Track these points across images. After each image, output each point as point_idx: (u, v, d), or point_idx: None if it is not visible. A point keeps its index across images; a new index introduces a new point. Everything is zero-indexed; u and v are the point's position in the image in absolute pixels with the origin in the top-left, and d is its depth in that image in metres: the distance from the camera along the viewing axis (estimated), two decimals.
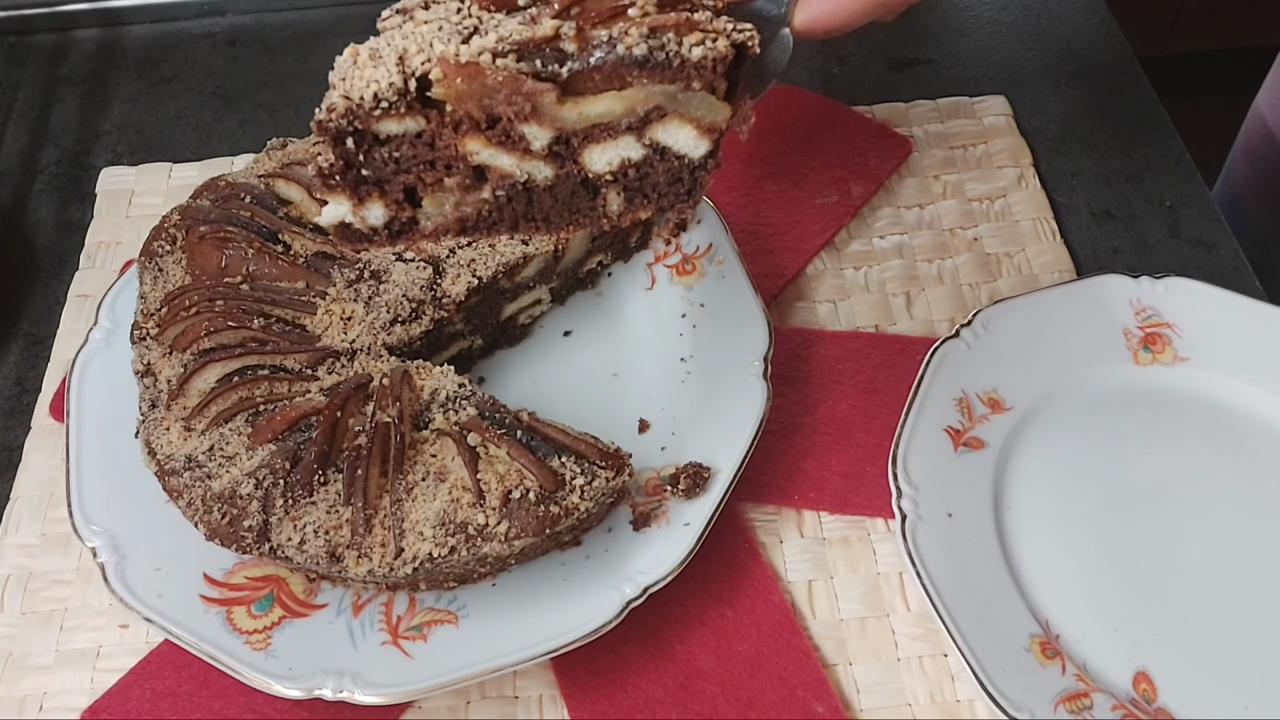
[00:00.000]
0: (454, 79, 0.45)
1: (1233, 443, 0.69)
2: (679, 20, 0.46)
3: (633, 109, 0.48)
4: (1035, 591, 0.63)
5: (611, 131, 0.49)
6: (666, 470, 0.66)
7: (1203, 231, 0.83)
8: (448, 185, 0.50)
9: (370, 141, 0.48)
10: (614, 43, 0.45)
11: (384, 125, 0.47)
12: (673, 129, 0.49)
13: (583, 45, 0.46)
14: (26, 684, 0.63)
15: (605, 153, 0.49)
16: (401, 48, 0.46)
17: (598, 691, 0.61)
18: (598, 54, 0.45)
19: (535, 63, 0.46)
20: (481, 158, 0.49)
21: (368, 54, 0.46)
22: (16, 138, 0.92)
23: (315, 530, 0.57)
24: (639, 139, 0.49)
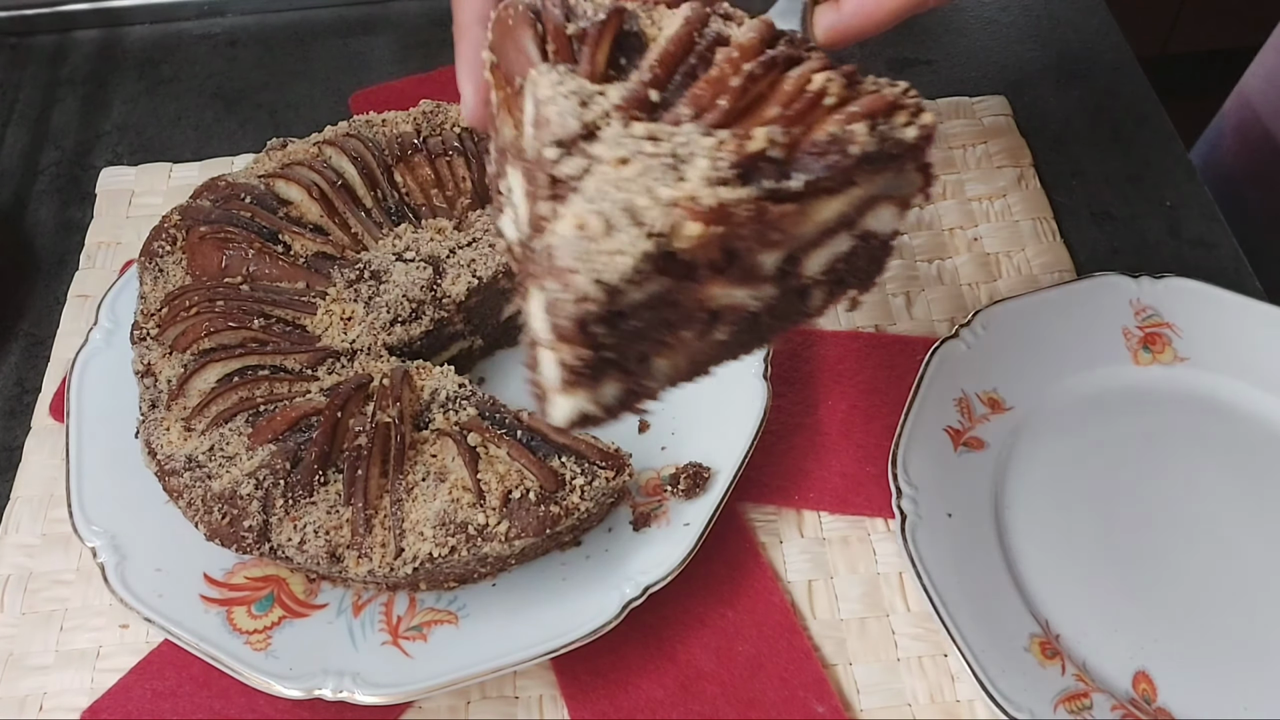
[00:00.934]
0: (708, 227, 0.38)
1: (1233, 443, 0.69)
2: (885, 102, 0.41)
3: (855, 206, 0.43)
4: (1035, 591, 0.63)
5: (831, 233, 0.44)
6: (666, 470, 0.66)
7: (1203, 231, 0.83)
8: (684, 338, 0.43)
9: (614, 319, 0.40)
10: (841, 143, 0.40)
11: (629, 297, 0.39)
12: (880, 213, 0.45)
13: (795, 150, 0.40)
14: (26, 684, 0.63)
15: (822, 255, 0.44)
16: (626, 203, 0.38)
17: (598, 691, 0.61)
18: (826, 159, 0.40)
19: (761, 182, 0.40)
20: (719, 300, 0.42)
21: (599, 222, 0.38)
22: (17, 138, 0.92)
23: (315, 530, 0.57)
24: (850, 232, 0.45)
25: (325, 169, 0.70)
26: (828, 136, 0.40)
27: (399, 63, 0.96)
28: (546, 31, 0.43)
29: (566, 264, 0.38)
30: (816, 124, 0.41)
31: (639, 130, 0.40)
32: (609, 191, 0.38)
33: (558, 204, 0.39)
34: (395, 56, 0.97)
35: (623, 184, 0.38)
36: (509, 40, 0.44)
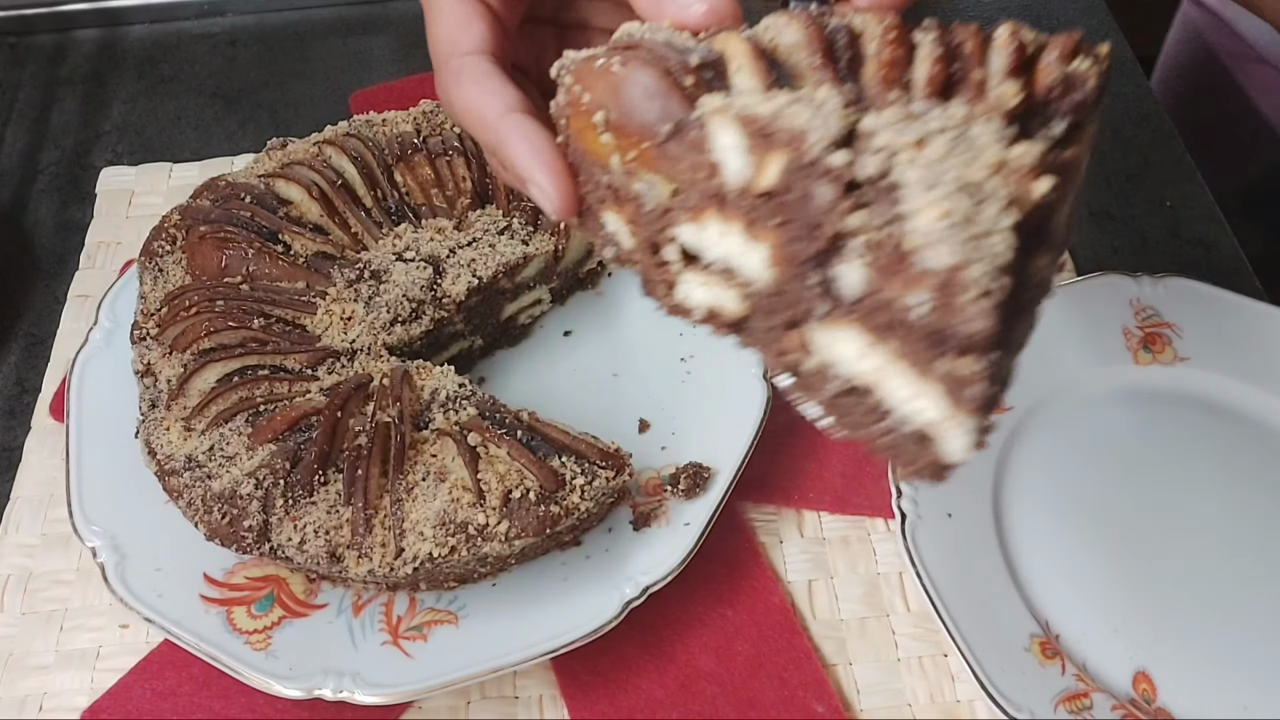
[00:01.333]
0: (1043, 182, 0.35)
1: (1233, 443, 0.69)
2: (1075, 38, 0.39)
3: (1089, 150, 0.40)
4: (1035, 591, 0.64)
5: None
6: (666, 470, 0.66)
7: (1203, 231, 0.83)
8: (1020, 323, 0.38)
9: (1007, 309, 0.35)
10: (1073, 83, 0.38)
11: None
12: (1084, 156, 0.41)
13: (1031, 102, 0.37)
14: (26, 684, 0.63)
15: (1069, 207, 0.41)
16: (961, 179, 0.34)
17: (598, 691, 0.61)
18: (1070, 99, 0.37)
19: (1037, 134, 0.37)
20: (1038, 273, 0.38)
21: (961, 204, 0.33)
22: (16, 138, 0.92)
23: (315, 530, 0.57)
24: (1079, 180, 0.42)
25: (325, 169, 0.70)
26: (1060, 76, 0.38)
27: (399, 63, 0.96)
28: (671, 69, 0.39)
29: (949, 260, 0.33)
30: (1038, 70, 0.38)
31: (892, 116, 0.36)
32: (940, 173, 0.33)
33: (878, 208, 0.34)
34: (395, 56, 0.97)
35: (939, 165, 0.34)
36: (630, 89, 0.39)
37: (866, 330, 0.36)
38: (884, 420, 0.37)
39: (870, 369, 0.37)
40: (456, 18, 0.46)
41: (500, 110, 0.44)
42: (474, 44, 0.46)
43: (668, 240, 0.41)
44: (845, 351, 0.37)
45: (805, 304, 0.38)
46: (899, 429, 0.37)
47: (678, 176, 0.39)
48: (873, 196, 0.34)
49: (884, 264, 0.34)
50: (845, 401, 0.38)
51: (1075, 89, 0.38)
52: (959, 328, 0.33)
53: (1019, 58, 0.38)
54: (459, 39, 0.46)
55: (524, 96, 0.45)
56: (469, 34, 0.46)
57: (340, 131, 0.73)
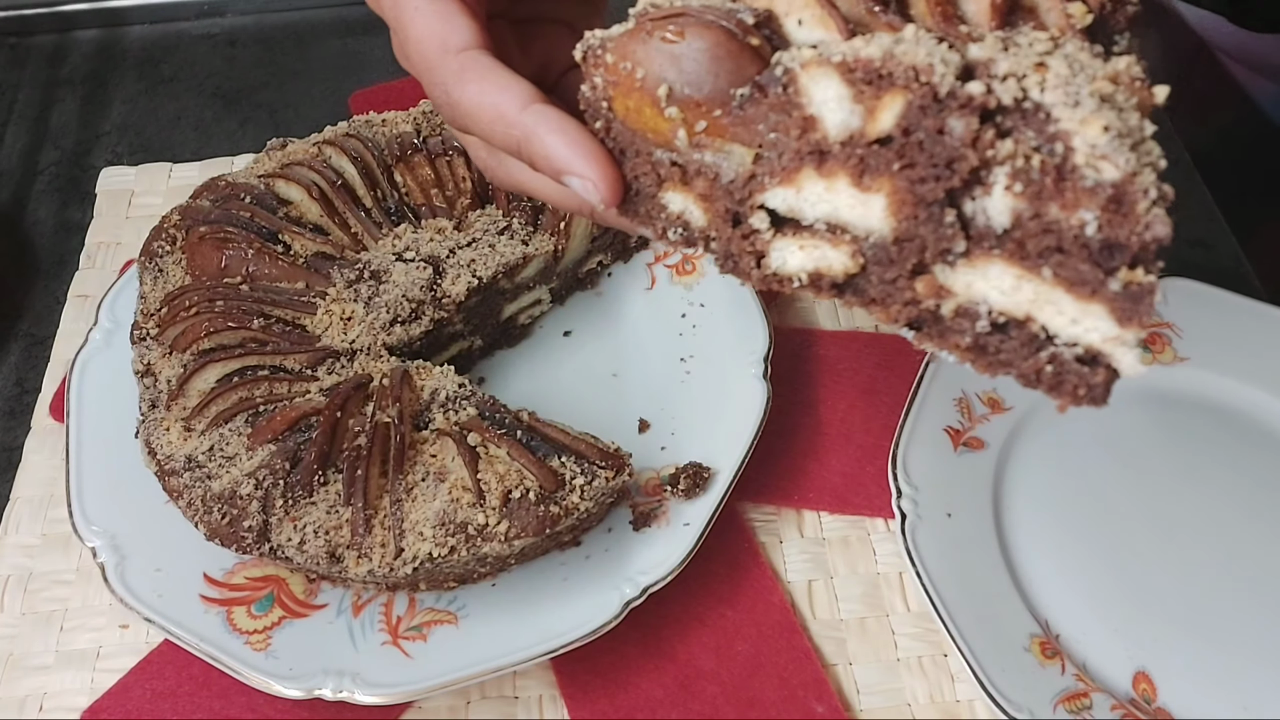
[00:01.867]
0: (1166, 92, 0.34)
1: (1233, 443, 0.69)
2: None
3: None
4: (1035, 591, 0.63)
5: None
6: (666, 470, 0.66)
7: (1203, 231, 0.83)
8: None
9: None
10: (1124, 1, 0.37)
11: None
12: None
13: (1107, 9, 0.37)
14: (26, 684, 0.63)
15: None
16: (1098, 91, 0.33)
17: (598, 691, 0.61)
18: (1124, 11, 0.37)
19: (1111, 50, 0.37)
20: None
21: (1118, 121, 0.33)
22: (16, 138, 0.92)
23: (315, 530, 0.57)
24: None
25: (325, 169, 0.70)
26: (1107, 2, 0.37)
27: (399, 63, 0.96)
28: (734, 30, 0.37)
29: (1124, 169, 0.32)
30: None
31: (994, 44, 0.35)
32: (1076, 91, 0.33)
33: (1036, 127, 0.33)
34: (395, 57, 0.97)
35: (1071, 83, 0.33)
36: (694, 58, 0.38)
37: (1018, 261, 0.35)
38: (1044, 349, 0.37)
39: (1026, 300, 0.36)
40: (437, 14, 0.43)
41: (520, 104, 0.41)
42: (466, 39, 0.43)
43: (754, 209, 0.40)
44: (995, 286, 0.36)
45: (937, 246, 0.37)
46: (1063, 355, 0.36)
47: (760, 140, 0.38)
48: (1015, 122, 0.34)
49: (1038, 189, 0.34)
50: (994, 339, 0.37)
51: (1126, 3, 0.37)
52: (1138, 236, 0.33)
53: None
54: (448, 36, 0.43)
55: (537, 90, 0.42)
56: (457, 30, 0.43)
57: (340, 131, 0.73)
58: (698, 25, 0.38)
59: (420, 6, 0.43)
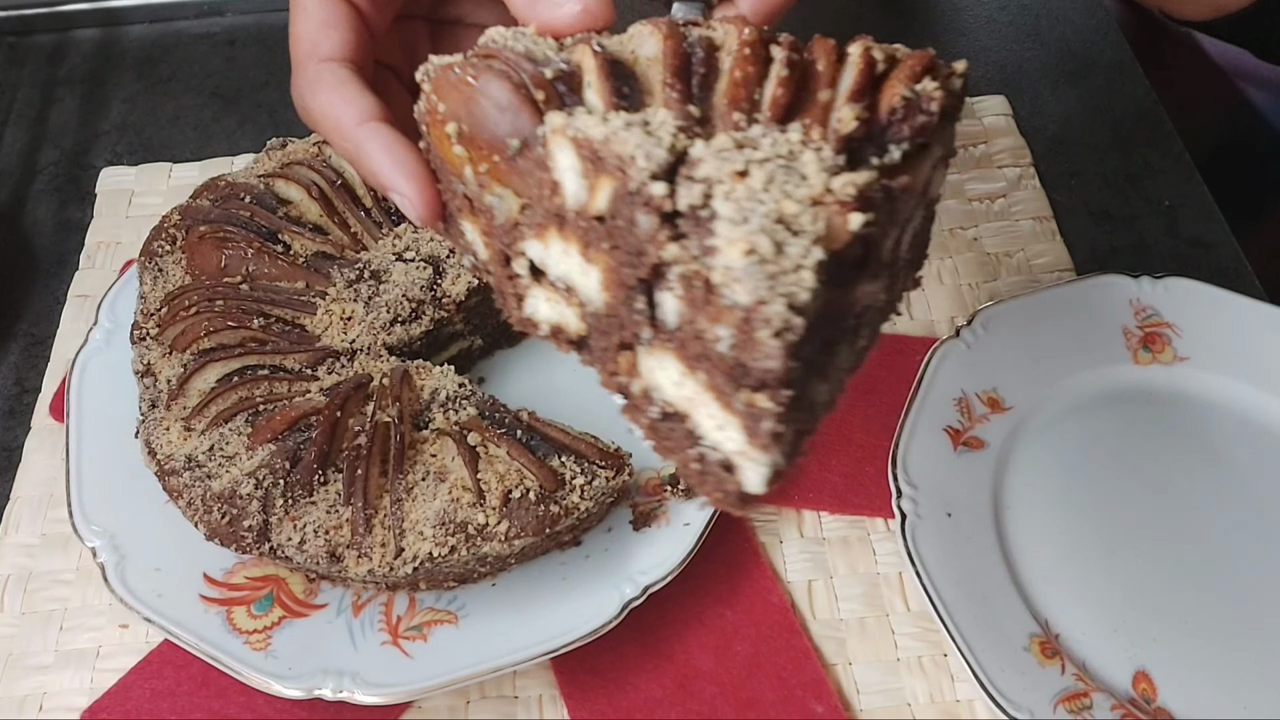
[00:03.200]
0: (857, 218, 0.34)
1: (1233, 443, 0.69)
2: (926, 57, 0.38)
3: (931, 170, 0.40)
4: (1035, 591, 0.64)
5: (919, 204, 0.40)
6: (666, 470, 0.66)
7: (1202, 231, 0.83)
8: (839, 355, 0.38)
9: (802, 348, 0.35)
10: (917, 105, 0.37)
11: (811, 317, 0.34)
12: (936, 176, 0.41)
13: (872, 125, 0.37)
14: (26, 684, 0.63)
15: (910, 230, 0.40)
16: (775, 214, 0.33)
17: (597, 691, 0.61)
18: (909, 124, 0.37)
19: (869, 160, 0.36)
20: (864, 300, 0.38)
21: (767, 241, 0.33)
22: (16, 138, 0.92)
23: (315, 530, 0.57)
24: (924, 201, 0.41)
25: (325, 168, 0.70)
26: (903, 100, 0.37)
27: None
28: (524, 81, 0.38)
29: (750, 297, 0.32)
30: (883, 91, 0.38)
31: (724, 142, 0.35)
32: (753, 207, 0.33)
33: (692, 240, 0.34)
34: None
35: (758, 197, 0.34)
36: (481, 102, 0.39)
37: (682, 359, 0.36)
38: (695, 447, 0.38)
39: (685, 396, 0.37)
40: (320, 19, 0.45)
41: (356, 119, 0.43)
42: (333, 49, 0.45)
43: (518, 254, 0.41)
44: (665, 378, 0.37)
45: (633, 328, 0.38)
46: (707, 457, 0.37)
47: (526, 192, 0.39)
48: (689, 228, 0.34)
49: (695, 296, 0.34)
50: (664, 426, 0.39)
51: (918, 112, 0.37)
52: (754, 364, 0.33)
53: (866, 79, 0.38)
54: (319, 42, 0.45)
55: (381, 104, 0.44)
56: (330, 38, 0.45)
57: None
58: (495, 73, 0.39)
59: (308, 6, 0.46)
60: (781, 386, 0.34)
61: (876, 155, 0.36)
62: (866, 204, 0.34)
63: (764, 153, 0.35)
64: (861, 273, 0.36)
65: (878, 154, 0.36)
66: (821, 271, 0.33)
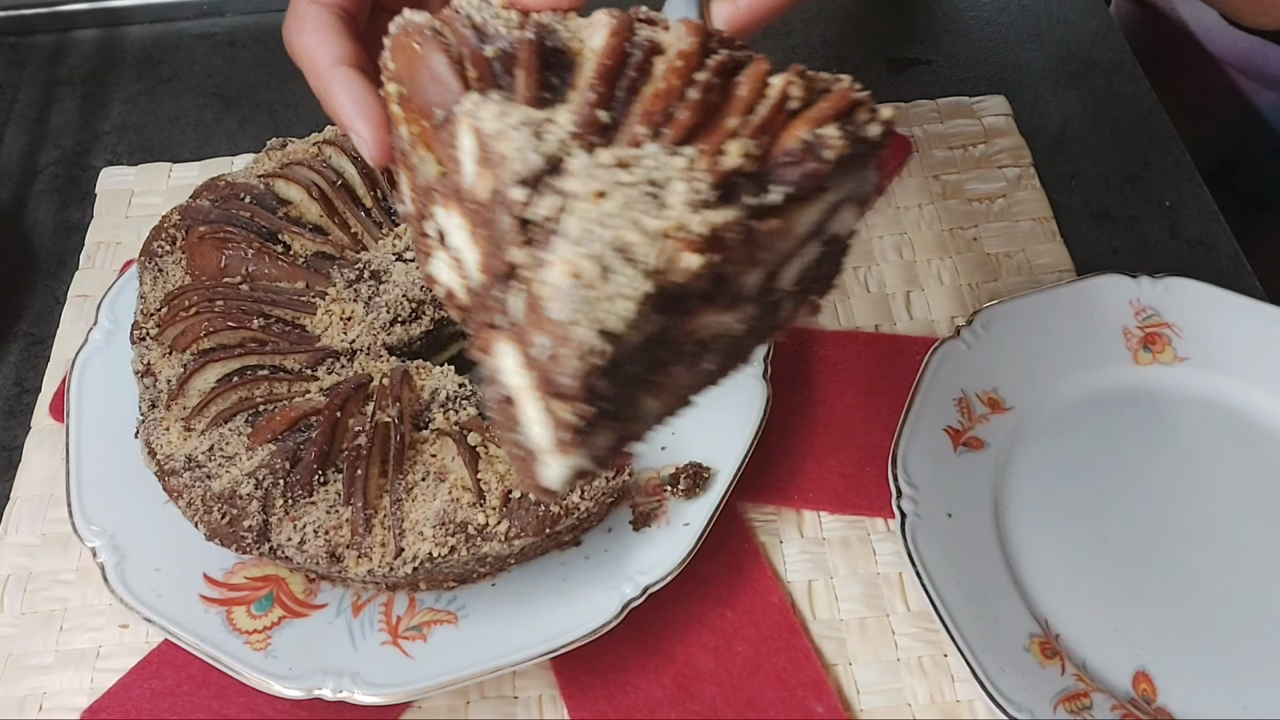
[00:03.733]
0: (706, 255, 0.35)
1: (1233, 443, 0.69)
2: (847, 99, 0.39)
3: (826, 212, 0.40)
4: (1035, 591, 0.63)
5: (806, 242, 0.41)
6: (666, 470, 0.66)
7: (1202, 231, 0.83)
8: (674, 374, 0.40)
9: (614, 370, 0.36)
10: (815, 149, 0.37)
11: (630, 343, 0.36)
12: (843, 215, 0.42)
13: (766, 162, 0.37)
14: (26, 684, 0.63)
15: (795, 266, 0.41)
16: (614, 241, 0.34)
17: (597, 691, 0.61)
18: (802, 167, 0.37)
19: (742, 199, 0.36)
20: (708, 329, 0.39)
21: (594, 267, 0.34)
22: (16, 138, 0.92)
23: (315, 530, 0.57)
24: (819, 239, 0.42)
25: (325, 169, 0.70)
26: (800, 143, 0.37)
27: None
28: (463, 56, 0.39)
29: (564, 316, 0.34)
30: (785, 130, 0.38)
31: (606, 158, 0.36)
32: (595, 230, 0.34)
33: (537, 250, 0.35)
34: None
35: (606, 220, 0.35)
36: (420, 69, 0.40)
37: (520, 353, 0.37)
38: (517, 433, 0.39)
39: (517, 386, 0.38)
40: None
41: (330, 61, 0.47)
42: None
43: (429, 215, 0.43)
44: (507, 365, 0.39)
45: (495, 313, 0.39)
46: (523, 445, 0.39)
47: (444, 161, 0.41)
48: (538, 237, 0.35)
49: (530, 301, 0.36)
50: (502, 406, 0.40)
51: (810, 158, 0.37)
52: (557, 377, 0.35)
53: (775, 115, 0.38)
54: None
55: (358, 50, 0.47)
56: None
57: (340, 131, 0.73)
58: (435, 42, 0.40)
59: None
60: (581, 402, 0.35)
61: (755, 194, 0.37)
62: (717, 244, 0.35)
63: (635, 176, 0.36)
64: (708, 305, 0.38)
65: (757, 193, 0.37)
66: (647, 304, 0.34)
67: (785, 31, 0.96)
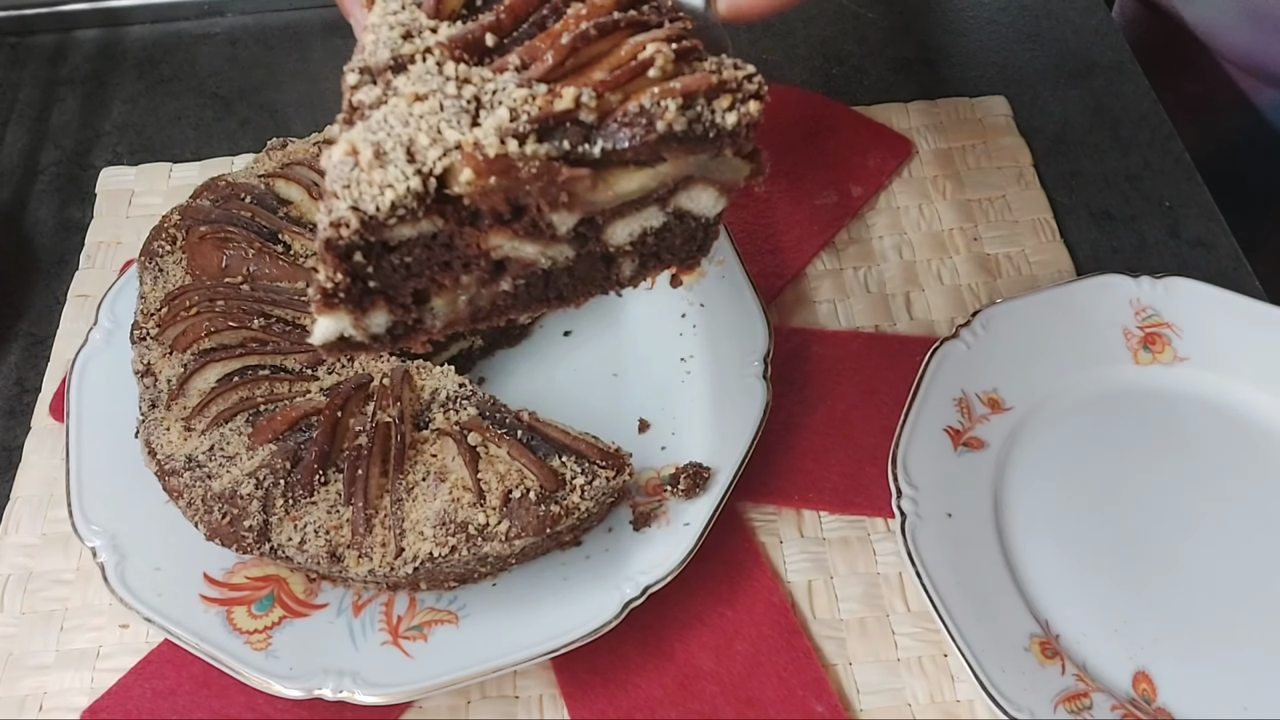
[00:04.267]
0: (484, 176, 0.39)
1: (1232, 443, 0.69)
2: (708, 82, 0.41)
3: (663, 182, 0.43)
4: (1035, 591, 0.63)
5: (637, 205, 0.44)
6: (666, 470, 0.66)
7: (1202, 231, 0.83)
8: (463, 282, 0.44)
9: (380, 250, 0.41)
10: (649, 117, 0.40)
11: (397, 232, 0.40)
12: (696, 193, 0.45)
13: (606, 117, 0.40)
14: (26, 684, 0.63)
15: (628, 226, 0.45)
16: (407, 138, 0.39)
17: (598, 691, 0.61)
18: (631, 131, 0.40)
19: (561, 142, 0.40)
20: (503, 251, 0.43)
21: (371, 151, 0.39)
22: (17, 138, 0.92)
23: (316, 530, 0.57)
24: (662, 209, 0.45)
25: None
26: (637, 108, 0.40)
27: None
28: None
29: (332, 187, 0.39)
30: (634, 94, 0.41)
31: (451, 70, 0.41)
32: (393, 125, 0.39)
33: (346, 128, 0.40)
34: None
35: (411, 119, 0.39)
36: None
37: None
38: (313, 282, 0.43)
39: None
40: None
41: None
42: None
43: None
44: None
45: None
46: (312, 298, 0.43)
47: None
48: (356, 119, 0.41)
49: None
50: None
51: (641, 124, 0.40)
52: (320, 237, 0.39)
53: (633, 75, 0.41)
54: None
55: None
56: None
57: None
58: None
59: None
60: (336, 269, 0.40)
61: (577, 143, 0.40)
62: (506, 170, 0.39)
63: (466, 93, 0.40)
64: (502, 227, 0.41)
65: (581, 142, 0.40)
66: (414, 200, 0.38)
67: (785, 31, 0.96)
